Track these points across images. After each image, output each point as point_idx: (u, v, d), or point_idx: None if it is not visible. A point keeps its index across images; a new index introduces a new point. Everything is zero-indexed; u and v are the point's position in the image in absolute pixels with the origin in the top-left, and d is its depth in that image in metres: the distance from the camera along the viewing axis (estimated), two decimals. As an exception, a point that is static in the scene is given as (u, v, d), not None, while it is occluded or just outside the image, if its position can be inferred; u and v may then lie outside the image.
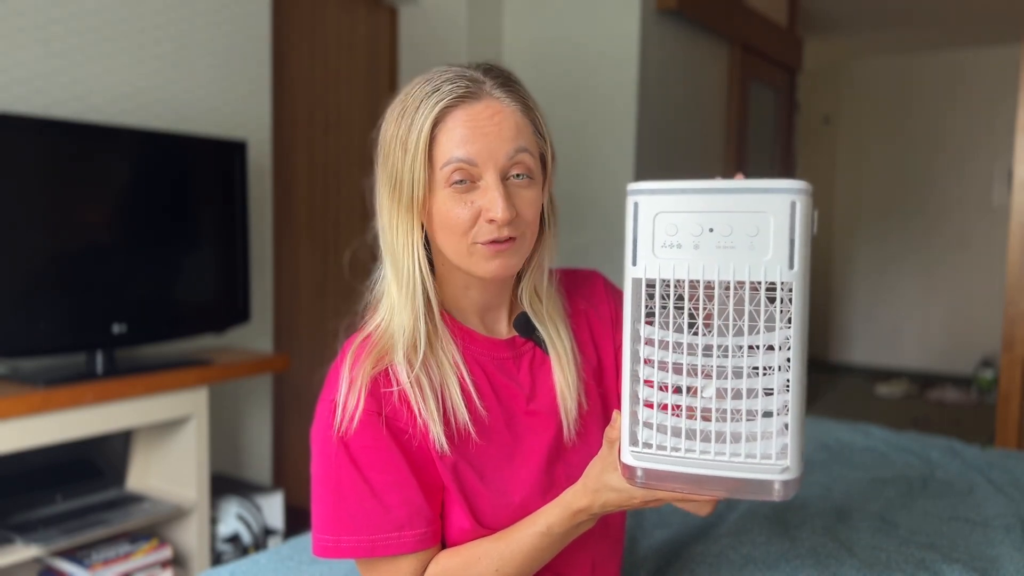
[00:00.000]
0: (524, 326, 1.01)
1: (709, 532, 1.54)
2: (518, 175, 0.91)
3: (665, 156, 3.37)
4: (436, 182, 0.90)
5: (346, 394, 0.91)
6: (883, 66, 6.12)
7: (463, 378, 0.95)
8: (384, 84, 3.28)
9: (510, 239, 0.91)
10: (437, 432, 0.91)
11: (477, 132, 0.89)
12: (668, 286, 0.71)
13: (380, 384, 0.92)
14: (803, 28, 5.16)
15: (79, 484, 2.18)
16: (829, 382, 5.83)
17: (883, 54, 6.08)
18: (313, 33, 3.01)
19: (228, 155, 2.30)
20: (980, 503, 1.71)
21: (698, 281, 0.69)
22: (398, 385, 0.92)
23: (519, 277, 1.03)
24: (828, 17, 5.08)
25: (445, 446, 0.91)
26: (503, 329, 1.02)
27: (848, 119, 6.29)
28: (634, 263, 0.72)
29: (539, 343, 1.02)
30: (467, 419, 0.93)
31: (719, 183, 0.69)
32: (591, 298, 1.10)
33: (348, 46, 3.15)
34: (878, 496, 1.76)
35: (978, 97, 5.74)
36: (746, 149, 3.99)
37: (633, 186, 0.72)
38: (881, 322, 6.25)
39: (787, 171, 4.56)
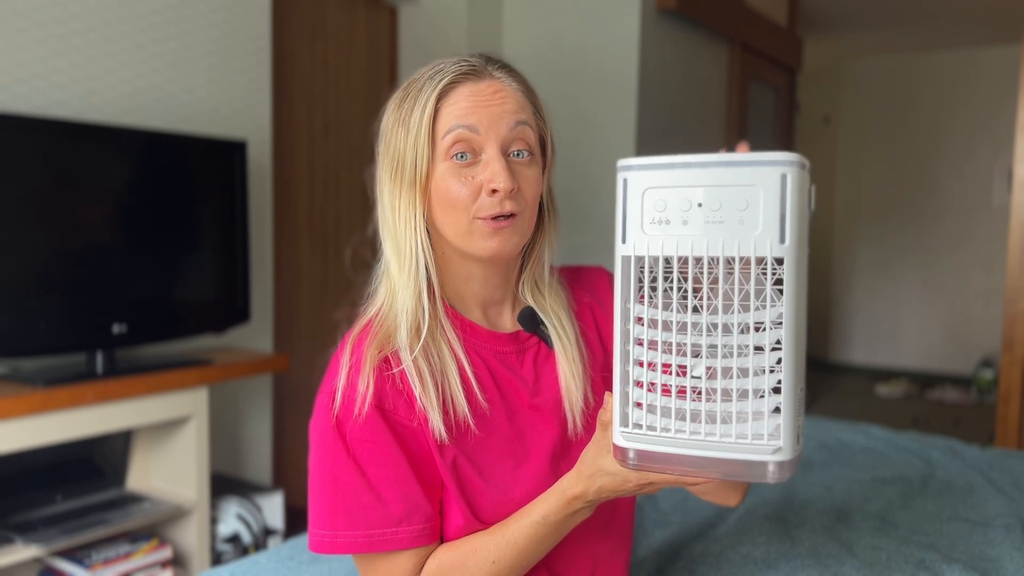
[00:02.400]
0: (529, 320, 1.00)
1: (709, 532, 1.54)
2: (519, 152, 0.91)
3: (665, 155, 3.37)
4: (437, 155, 0.91)
5: (348, 379, 0.90)
6: (883, 66, 6.12)
7: (463, 369, 0.94)
8: (384, 84, 3.28)
9: (511, 215, 0.90)
10: (436, 421, 0.90)
11: (480, 104, 0.90)
12: (657, 263, 0.69)
13: (382, 372, 0.91)
14: (803, 28, 5.16)
15: (79, 484, 2.18)
16: (829, 382, 5.83)
17: (883, 54, 6.08)
18: (313, 33, 3.01)
19: (228, 155, 2.30)
20: (980, 503, 1.71)
21: (687, 257, 0.67)
22: (399, 368, 0.91)
23: (520, 270, 1.02)
24: (828, 17, 5.08)
25: (444, 435, 0.90)
26: (507, 323, 1.01)
27: (848, 119, 6.29)
28: (623, 240, 0.70)
29: (544, 338, 1.01)
30: (466, 411, 0.92)
31: (708, 157, 0.67)
32: (596, 292, 1.09)
33: (348, 46, 3.15)
34: (878, 496, 1.76)
35: (978, 97, 5.74)
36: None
37: (623, 162, 0.71)
38: (881, 322, 6.25)
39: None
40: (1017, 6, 4.71)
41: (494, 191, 0.89)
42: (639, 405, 0.71)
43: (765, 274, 0.66)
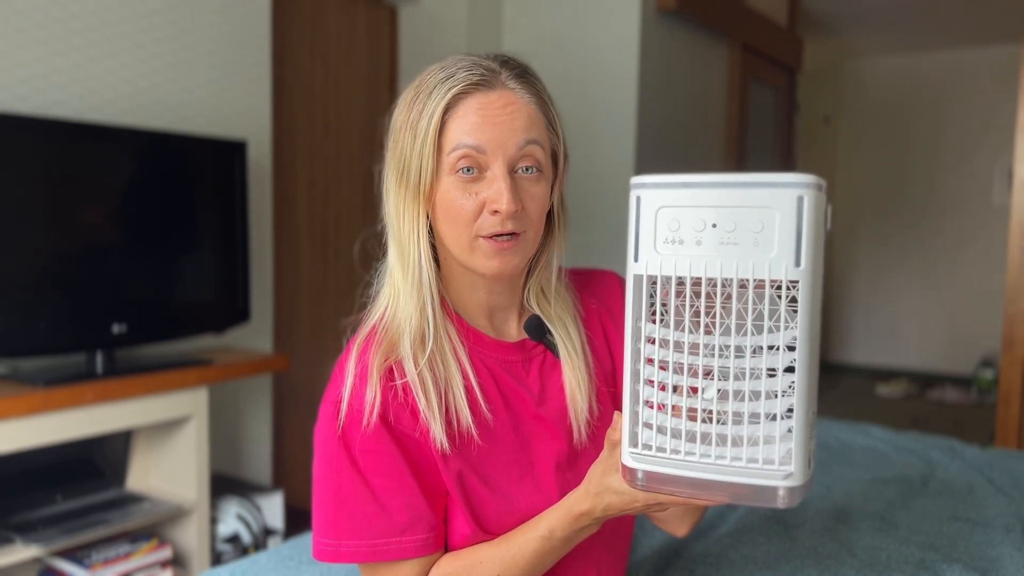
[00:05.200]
0: (535, 329, 0.99)
1: (709, 532, 1.54)
2: (527, 168, 0.89)
3: (665, 156, 3.37)
4: (443, 168, 0.89)
5: (353, 389, 0.89)
6: (883, 66, 6.12)
7: (468, 379, 0.93)
8: (384, 84, 3.28)
9: (513, 235, 0.89)
10: (438, 432, 0.89)
11: (488, 120, 0.88)
12: (670, 283, 0.68)
13: (386, 383, 0.90)
14: (803, 28, 5.16)
15: (79, 484, 2.18)
16: (829, 382, 5.83)
17: (883, 54, 6.08)
18: (313, 33, 3.01)
19: (228, 155, 2.30)
20: (980, 503, 1.71)
21: (700, 278, 0.67)
22: (402, 379, 0.90)
23: (527, 277, 1.00)
24: (828, 17, 5.08)
25: (446, 445, 0.89)
26: (512, 331, 1.00)
27: (848, 119, 6.29)
28: (636, 259, 0.69)
29: (550, 347, 0.99)
30: (470, 422, 0.91)
31: (723, 177, 0.66)
32: (605, 300, 1.07)
33: (348, 46, 3.15)
34: (878, 496, 1.76)
35: (978, 97, 5.74)
36: (746, 149, 3.99)
37: (636, 179, 0.70)
38: (881, 322, 6.25)
39: (787, 171, 4.56)
40: (1017, 6, 4.70)
41: (496, 211, 0.87)
42: (649, 426, 0.70)
43: (779, 296, 0.65)
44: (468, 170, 0.88)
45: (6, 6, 2.00)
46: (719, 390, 0.67)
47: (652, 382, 0.70)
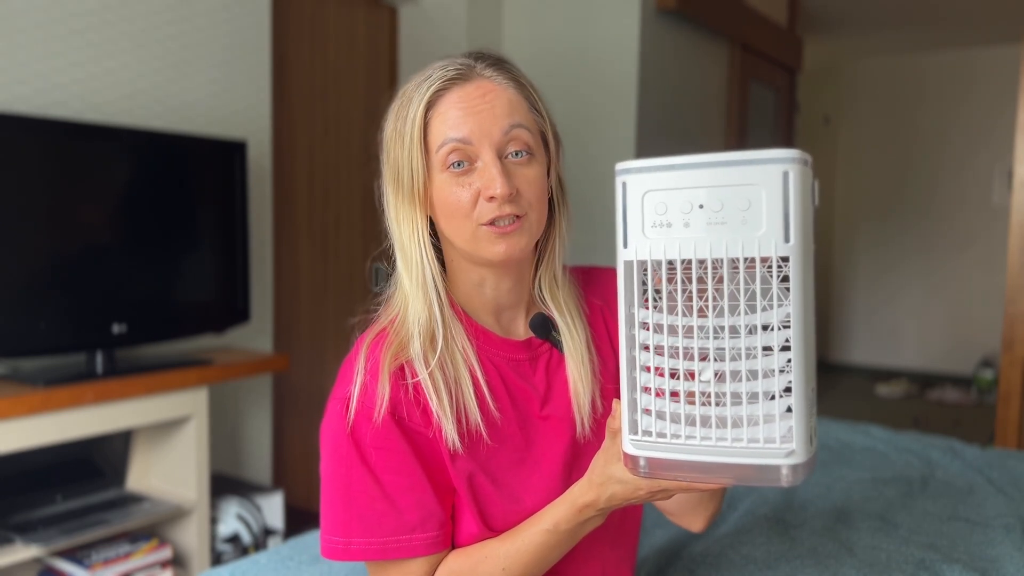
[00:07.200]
0: (541, 327, 0.99)
1: (709, 532, 1.55)
2: (516, 152, 0.90)
3: (665, 156, 3.37)
4: (434, 167, 0.90)
5: (363, 386, 0.89)
6: (883, 66, 6.12)
7: (476, 378, 0.93)
8: (384, 84, 3.28)
9: (515, 219, 0.89)
10: (450, 430, 0.89)
11: (469, 111, 0.89)
12: (660, 267, 0.68)
13: (397, 381, 0.90)
14: (803, 28, 5.16)
15: (79, 484, 2.18)
16: (829, 382, 5.83)
17: (883, 54, 6.08)
18: (313, 33, 3.01)
19: (228, 155, 2.30)
20: (980, 503, 1.71)
21: (691, 260, 0.66)
22: (414, 378, 0.90)
23: (535, 270, 1.01)
24: (828, 17, 5.08)
25: (458, 444, 0.90)
26: (520, 330, 1.00)
27: (848, 119, 6.29)
28: (625, 245, 0.69)
29: (556, 344, 0.99)
30: (479, 420, 0.91)
31: (708, 157, 0.66)
32: (607, 295, 1.07)
33: (348, 46, 3.15)
34: (878, 496, 1.76)
35: (978, 97, 5.74)
36: (746, 149, 3.99)
37: (621, 165, 0.70)
38: (881, 322, 6.25)
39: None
40: (1017, 6, 4.71)
41: (492, 197, 0.88)
42: (648, 411, 0.70)
43: (771, 273, 0.65)
44: (458, 164, 0.89)
45: (6, 6, 2.00)
46: (716, 372, 0.67)
47: (649, 368, 0.70)
